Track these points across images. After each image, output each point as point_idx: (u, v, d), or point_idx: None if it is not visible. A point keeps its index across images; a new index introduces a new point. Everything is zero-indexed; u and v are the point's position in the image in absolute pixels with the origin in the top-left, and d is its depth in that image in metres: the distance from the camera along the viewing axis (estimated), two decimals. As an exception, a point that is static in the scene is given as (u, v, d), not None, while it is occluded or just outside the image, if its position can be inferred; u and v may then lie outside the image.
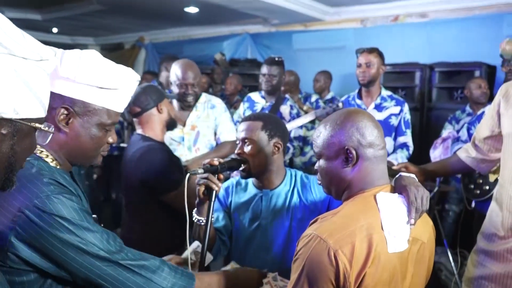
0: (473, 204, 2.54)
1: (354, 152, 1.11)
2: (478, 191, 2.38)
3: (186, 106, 2.58)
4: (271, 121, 1.64)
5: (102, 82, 1.03)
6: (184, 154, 2.56)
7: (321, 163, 1.18)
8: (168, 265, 1.11)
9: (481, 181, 2.36)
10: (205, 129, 2.64)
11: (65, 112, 1.03)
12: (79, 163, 1.14)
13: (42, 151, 1.05)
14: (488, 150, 1.73)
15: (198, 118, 2.63)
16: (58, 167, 1.06)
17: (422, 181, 1.89)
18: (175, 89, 2.53)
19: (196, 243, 1.53)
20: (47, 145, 1.01)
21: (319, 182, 1.23)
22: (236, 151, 1.62)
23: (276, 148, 1.62)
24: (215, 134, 2.70)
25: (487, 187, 2.34)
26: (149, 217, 1.99)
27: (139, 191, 1.96)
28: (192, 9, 5.48)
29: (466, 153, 1.84)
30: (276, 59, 3.12)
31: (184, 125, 2.59)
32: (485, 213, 2.37)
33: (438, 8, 4.86)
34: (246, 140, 1.60)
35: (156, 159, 1.92)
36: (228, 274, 1.28)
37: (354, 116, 1.13)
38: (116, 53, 8.11)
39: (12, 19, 0.75)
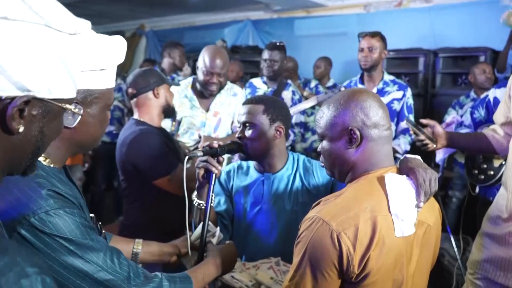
0: (477, 190, 2.51)
1: (358, 132, 1.08)
2: (482, 176, 2.35)
3: (209, 95, 2.52)
4: (273, 105, 1.60)
5: (102, 63, 0.96)
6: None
7: (324, 144, 1.15)
8: (165, 277, 1.06)
9: (485, 166, 2.32)
10: (226, 116, 2.60)
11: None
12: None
13: None
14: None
15: (221, 104, 2.58)
16: (51, 165, 0.97)
17: (445, 145, 1.84)
18: (200, 76, 2.46)
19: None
20: None
21: (322, 164, 1.20)
22: (237, 135, 1.59)
23: (278, 132, 1.59)
24: (232, 122, 2.67)
25: (492, 172, 2.30)
26: (145, 202, 1.98)
27: (133, 175, 1.94)
28: (193, -5, 5.41)
29: (493, 132, 1.78)
30: (278, 43, 3.08)
31: (207, 110, 2.55)
32: (489, 198, 2.35)
33: (442, -7, 4.79)
34: (247, 124, 1.57)
35: (148, 144, 1.89)
36: (215, 258, 1.26)
37: (358, 95, 1.10)
38: (116, 41, 8.03)
39: None
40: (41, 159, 0.95)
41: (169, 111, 2.08)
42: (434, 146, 1.83)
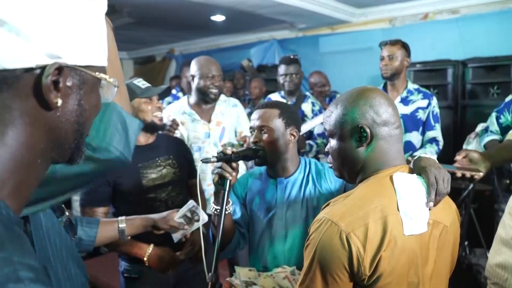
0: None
1: (368, 130, 1.05)
2: (515, 186, 2.23)
3: (211, 99, 2.57)
4: (287, 109, 1.61)
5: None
6: (210, 150, 2.56)
7: (332, 143, 1.13)
8: None
9: (517, 175, 2.21)
10: (229, 126, 2.66)
11: None
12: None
13: None
14: None
15: (222, 114, 2.64)
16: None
17: (490, 167, 1.55)
18: (200, 83, 2.53)
19: (191, 202, 1.65)
20: None
21: (331, 165, 1.17)
22: (252, 140, 1.59)
23: (292, 137, 1.60)
24: (235, 132, 2.72)
25: (525, 182, 2.19)
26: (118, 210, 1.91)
27: None
28: (219, 17, 5.54)
29: None
30: (292, 57, 3.09)
31: (209, 121, 2.60)
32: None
33: (470, 3, 4.69)
34: (263, 128, 1.58)
35: None
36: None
37: (367, 93, 1.08)
38: (148, 65, 8.34)
39: None
40: None
41: (145, 126, 1.83)
42: (481, 174, 1.52)
